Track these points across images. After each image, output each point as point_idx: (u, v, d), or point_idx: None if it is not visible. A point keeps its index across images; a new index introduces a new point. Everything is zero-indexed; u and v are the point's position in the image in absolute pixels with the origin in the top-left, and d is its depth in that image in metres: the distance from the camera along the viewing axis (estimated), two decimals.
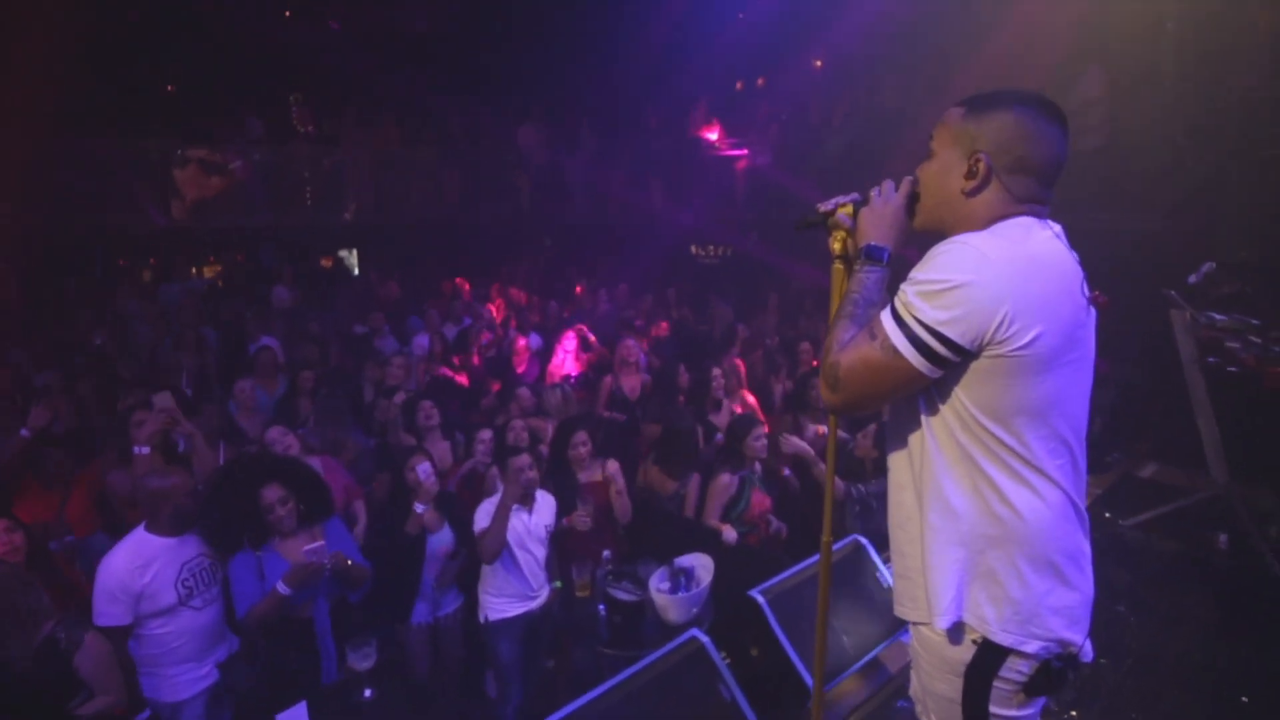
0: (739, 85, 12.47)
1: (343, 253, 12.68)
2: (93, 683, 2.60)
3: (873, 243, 1.48)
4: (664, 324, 8.19)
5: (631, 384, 6.03)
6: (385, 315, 8.18)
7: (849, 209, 1.59)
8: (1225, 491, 4.28)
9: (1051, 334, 1.29)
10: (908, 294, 1.31)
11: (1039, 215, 1.40)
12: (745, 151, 10.31)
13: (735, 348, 6.63)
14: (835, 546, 2.83)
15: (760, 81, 12.05)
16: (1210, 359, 4.26)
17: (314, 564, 2.94)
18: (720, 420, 5.08)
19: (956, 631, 1.39)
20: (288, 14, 11.02)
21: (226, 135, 9.79)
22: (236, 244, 11.54)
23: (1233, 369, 4.19)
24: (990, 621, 1.36)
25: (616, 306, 8.88)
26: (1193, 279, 4.28)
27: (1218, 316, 4.18)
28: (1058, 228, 1.42)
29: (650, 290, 9.34)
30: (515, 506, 3.50)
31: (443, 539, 3.69)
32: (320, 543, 3.00)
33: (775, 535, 4.19)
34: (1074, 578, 1.36)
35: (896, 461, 1.51)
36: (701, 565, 3.51)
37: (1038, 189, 1.39)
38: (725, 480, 4.09)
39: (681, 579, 3.47)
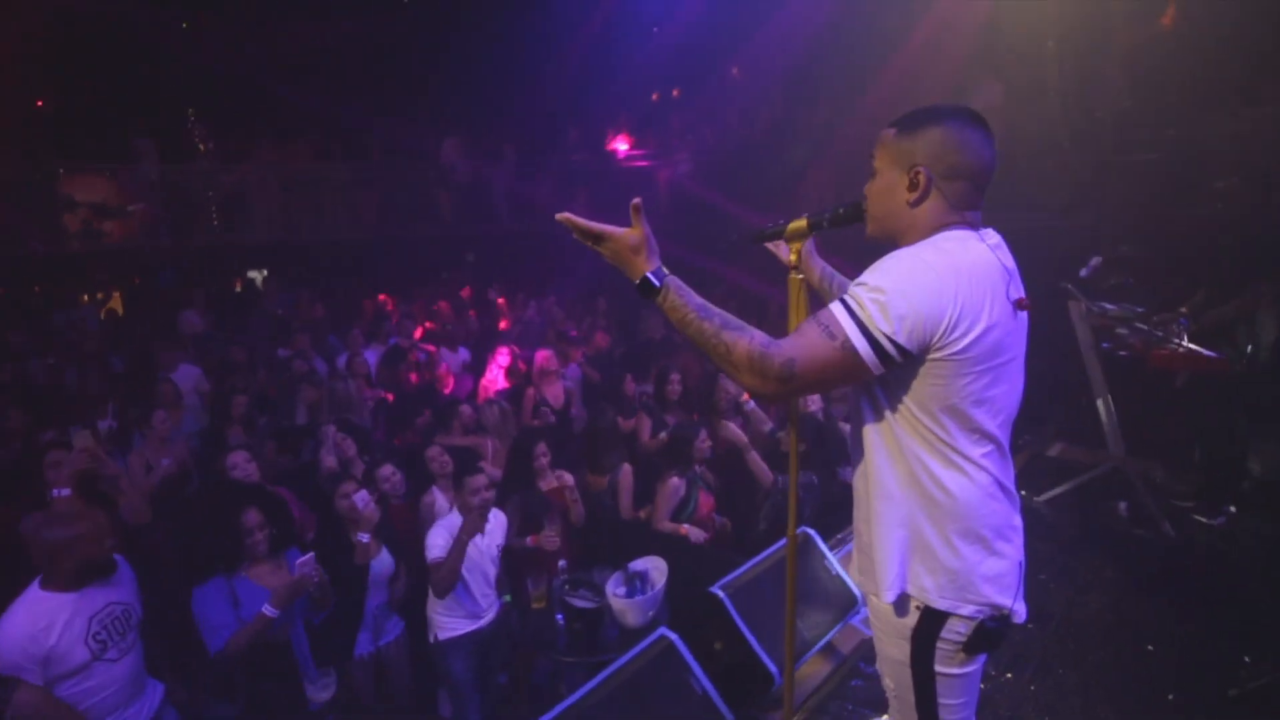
0: (655, 97, 12.74)
1: (252, 274, 12.17)
2: None
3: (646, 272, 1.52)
4: (599, 335, 8.26)
5: (554, 393, 6.09)
6: (309, 337, 7.92)
7: (803, 223, 1.72)
8: (1123, 465, 4.70)
9: (985, 339, 1.42)
10: (864, 300, 1.40)
11: (974, 224, 1.53)
12: (652, 164, 10.51)
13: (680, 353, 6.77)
14: (781, 544, 2.98)
15: (675, 93, 12.34)
16: (1104, 345, 4.68)
17: (307, 577, 2.88)
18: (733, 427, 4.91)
19: (902, 602, 1.56)
20: (185, 25, 10.50)
21: (113, 155, 9.24)
22: (132, 268, 10.89)
23: (1123, 353, 4.62)
24: (929, 590, 1.52)
25: (545, 318, 8.89)
26: (1084, 273, 4.70)
27: (1109, 306, 4.60)
28: (995, 238, 1.55)
29: (581, 301, 9.40)
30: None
31: (383, 563, 3.62)
32: (310, 555, 2.95)
33: (723, 530, 4.34)
34: (1002, 548, 1.52)
35: (854, 452, 1.65)
36: (655, 568, 3.59)
37: (973, 193, 1.52)
38: (674, 484, 4.19)
39: (637, 583, 3.54)
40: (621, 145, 11.01)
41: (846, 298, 1.41)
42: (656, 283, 1.48)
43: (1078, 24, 6.33)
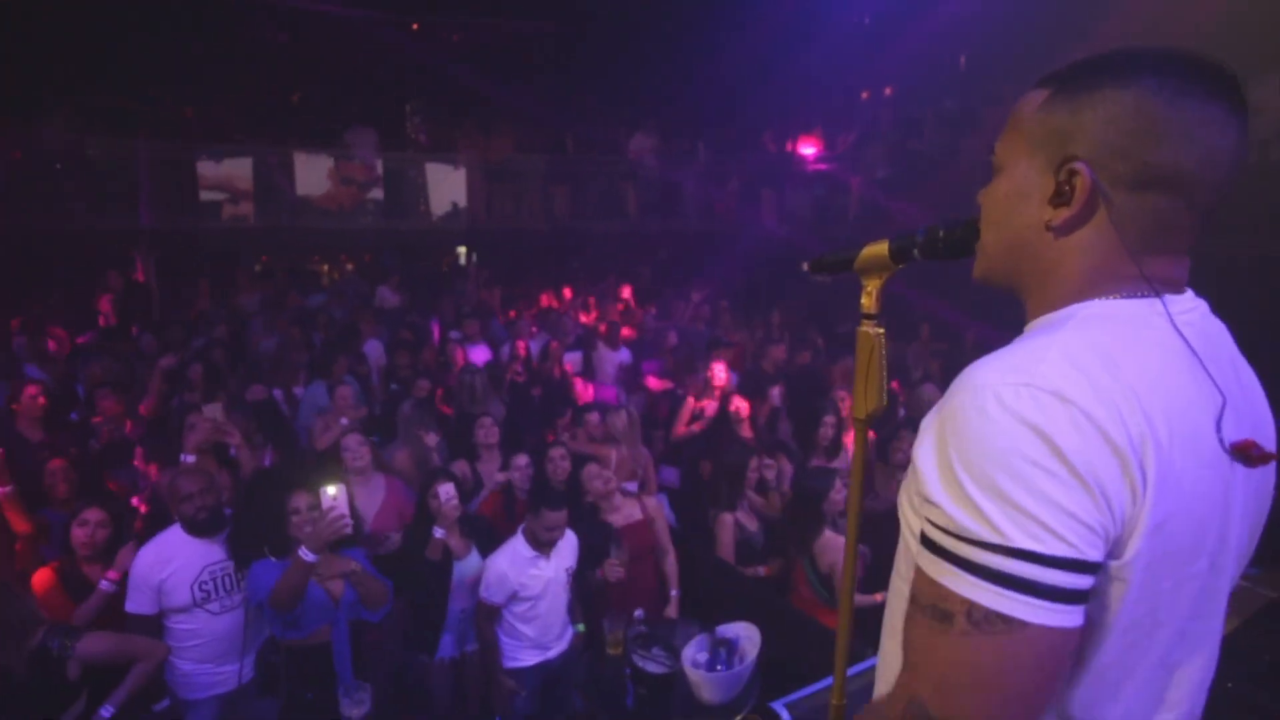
0: (865, 95, 11.75)
1: (460, 249, 13.02)
2: (123, 662, 2.65)
3: None
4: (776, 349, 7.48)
5: (711, 407, 5.64)
6: (480, 323, 8.20)
7: (882, 248, 1.14)
8: None
9: (1157, 540, 0.73)
10: (987, 515, 0.70)
11: (1164, 282, 0.83)
12: (841, 168, 9.59)
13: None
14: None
15: (888, 91, 11.27)
16: None
17: (335, 513, 2.79)
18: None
19: None
20: (415, 26, 11.47)
21: (342, 143, 10.27)
22: (361, 246, 12.16)
23: None
24: None
25: (705, 320, 8.47)
26: None
27: None
28: (1190, 305, 0.85)
29: (757, 304, 8.87)
30: (531, 554, 3.22)
31: (470, 565, 3.43)
32: (339, 486, 2.85)
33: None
34: None
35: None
36: (747, 637, 3.05)
37: (1181, 220, 0.81)
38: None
39: (722, 652, 3.03)
40: (808, 149, 10.23)
41: (937, 530, 0.75)
42: None
43: None
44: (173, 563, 3.00)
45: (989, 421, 0.72)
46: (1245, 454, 0.77)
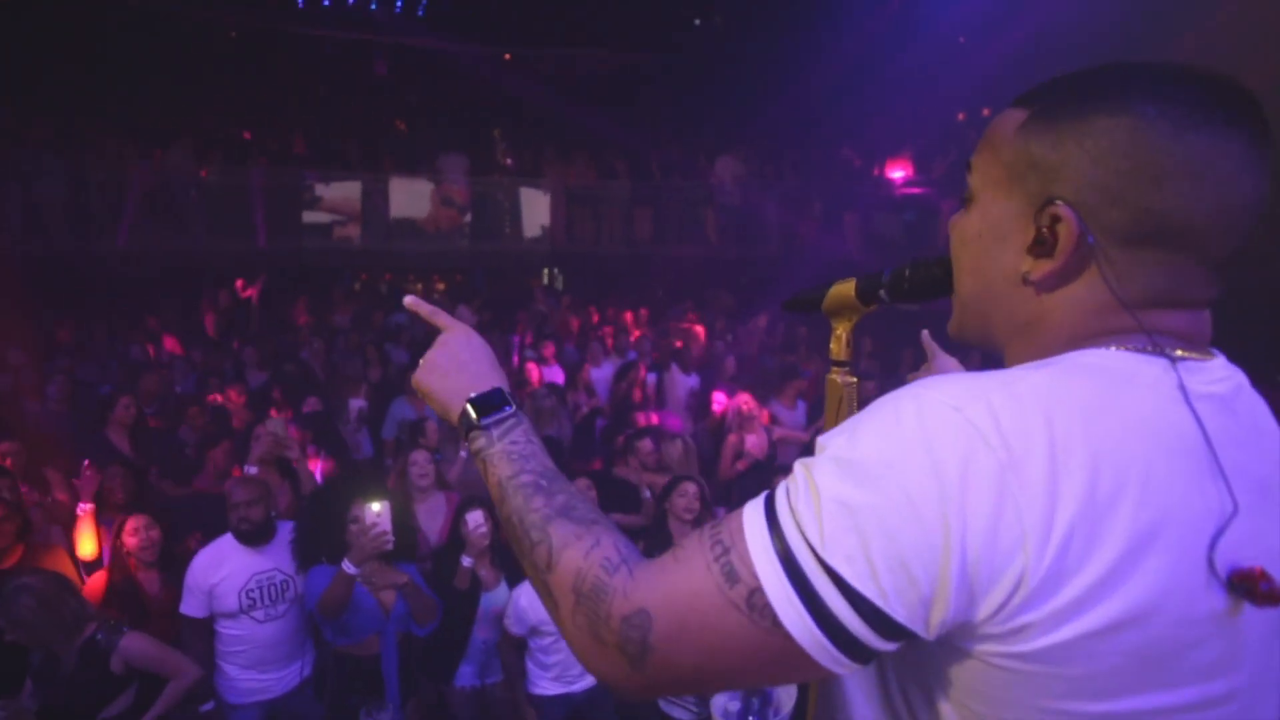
0: (961, 116, 11.24)
1: (545, 270, 13.32)
2: (153, 669, 2.73)
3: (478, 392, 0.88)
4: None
5: (757, 441, 5.45)
6: (556, 345, 8.31)
7: (848, 288, 1.03)
8: None
9: (1132, 629, 0.57)
10: (821, 503, 0.61)
11: (1173, 343, 0.67)
12: (933, 191, 9.16)
13: None
14: None
15: (985, 112, 10.73)
16: None
17: (377, 528, 2.83)
18: None
19: None
20: (508, 57, 11.93)
21: (435, 168, 10.78)
22: (454, 266, 12.67)
23: None
24: None
25: (774, 347, 8.26)
26: None
27: None
28: (1220, 379, 0.67)
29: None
30: None
31: (497, 598, 3.39)
32: (384, 503, 2.90)
33: None
34: None
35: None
36: (784, 689, 2.88)
37: (1192, 277, 0.66)
38: None
39: (756, 702, 2.86)
40: (897, 173, 9.84)
41: (780, 491, 0.66)
42: (485, 417, 0.86)
43: None
44: (223, 568, 3.12)
45: (893, 427, 0.61)
46: (1249, 587, 0.58)
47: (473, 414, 0.87)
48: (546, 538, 0.74)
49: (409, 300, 1.03)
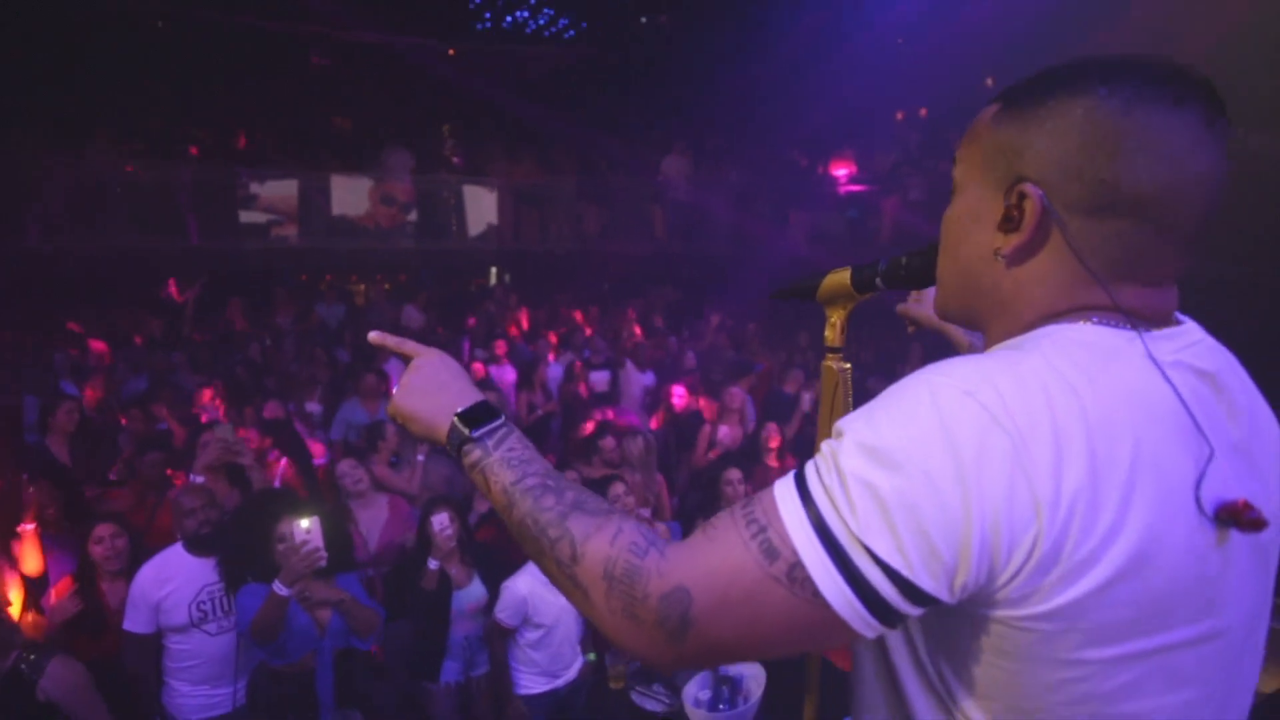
0: (899, 116, 11.59)
1: (493, 269, 13.14)
2: (68, 710, 2.53)
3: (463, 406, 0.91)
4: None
5: (731, 434, 5.53)
6: (508, 343, 8.23)
7: (844, 276, 1.06)
8: None
9: (1125, 584, 0.63)
10: (847, 481, 0.65)
11: (1142, 315, 0.73)
12: (875, 190, 9.43)
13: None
14: None
15: (923, 112, 11.10)
16: None
17: (308, 545, 2.73)
18: None
19: None
20: (452, 52, 11.71)
21: (379, 165, 10.53)
22: (395, 266, 12.36)
23: None
24: None
25: (727, 343, 8.36)
26: None
27: None
28: (1185, 344, 0.73)
29: (782, 327, 8.74)
30: (545, 584, 3.14)
31: (472, 594, 3.37)
32: (313, 519, 2.80)
33: None
34: None
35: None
36: (752, 676, 2.93)
37: (1154, 248, 0.71)
38: None
39: (725, 690, 2.91)
40: (841, 171, 10.10)
41: (810, 470, 0.70)
42: (475, 429, 0.88)
43: None
44: (172, 581, 2.99)
45: (911, 412, 0.66)
46: (1235, 517, 0.66)
47: (463, 428, 0.89)
48: (566, 533, 0.76)
49: (374, 336, 1.04)
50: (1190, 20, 5.93)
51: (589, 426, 5.54)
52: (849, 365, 1.09)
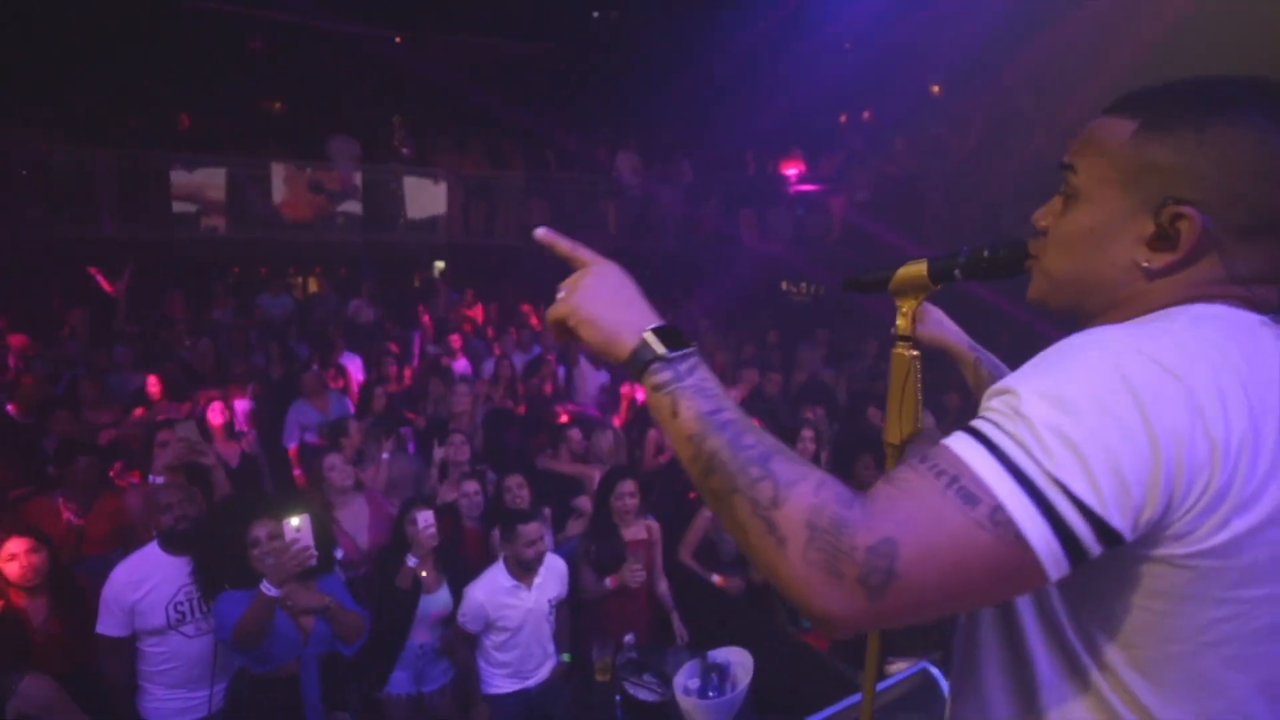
0: (843, 119, 11.91)
1: (437, 263, 12.85)
2: None
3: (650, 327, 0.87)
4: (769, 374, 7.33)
5: None
6: (463, 337, 8.08)
7: (920, 268, 1.11)
8: None
9: (1257, 536, 0.70)
10: (1038, 431, 0.68)
11: (1265, 307, 0.80)
12: (825, 189, 9.69)
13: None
14: (899, 676, 2.28)
15: (866, 115, 11.45)
16: None
17: (298, 544, 2.66)
18: None
19: None
20: (399, 40, 11.39)
21: (323, 154, 10.17)
22: (338, 259, 11.94)
23: None
24: None
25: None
26: None
27: None
28: None
29: (737, 325, 8.86)
30: (511, 584, 3.15)
31: (438, 601, 3.31)
32: (303, 516, 2.72)
33: None
34: None
35: (961, 683, 0.97)
36: (739, 663, 2.99)
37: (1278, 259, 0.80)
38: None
39: (714, 677, 2.96)
40: (790, 170, 10.34)
41: (986, 424, 0.72)
42: (672, 350, 0.83)
43: None
44: (148, 582, 2.86)
45: (1092, 367, 0.71)
46: None
47: (657, 346, 0.84)
48: (769, 474, 0.73)
49: (540, 232, 0.98)
50: (1130, 23, 6.32)
51: (564, 418, 5.50)
52: (918, 353, 1.14)
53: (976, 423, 0.73)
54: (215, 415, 4.56)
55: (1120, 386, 0.68)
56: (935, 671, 2.53)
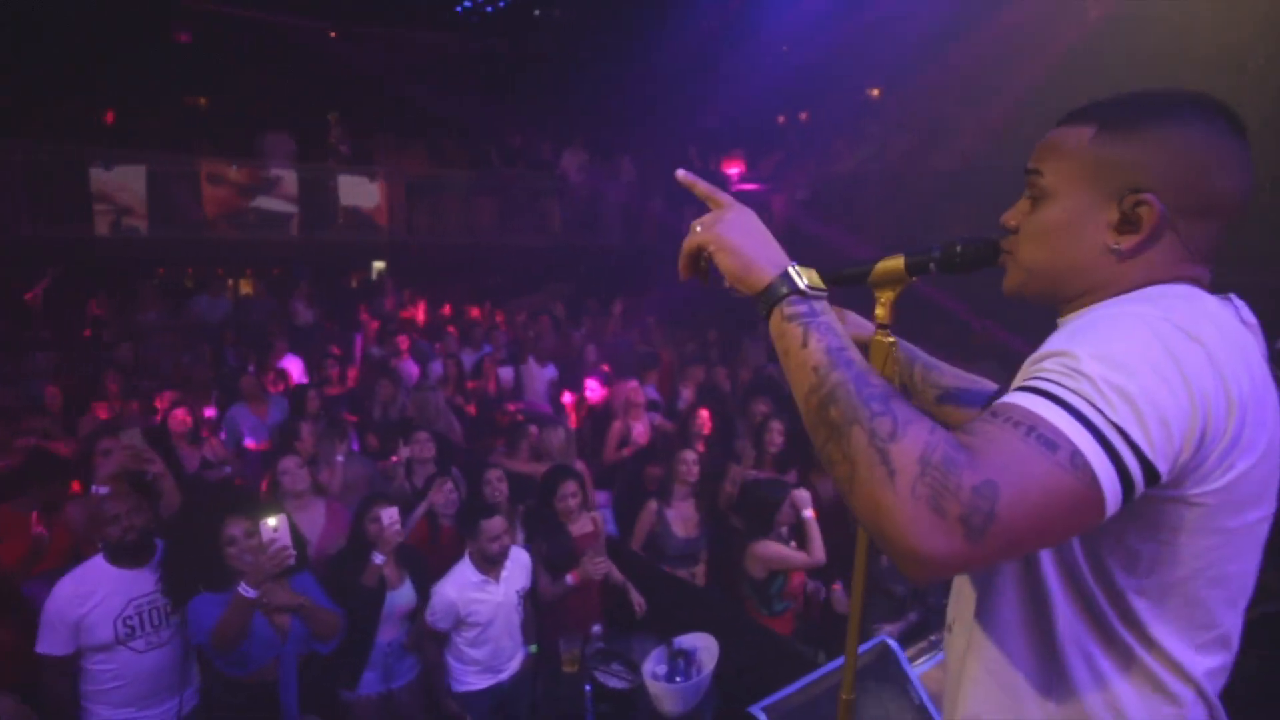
0: (780, 119, 12.19)
1: (377, 264, 12.57)
2: None
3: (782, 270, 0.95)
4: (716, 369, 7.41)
5: (640, 429, 5.62)
6: (409, 339, 7.95)
7: (897, 262, 1.20)
8: None
9: (1259, 470, 0.86)
10: (1100, 387, 0.78)
11: (1202, 283, 0.95)
12: (766, 189, 9.92)
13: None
14: (861, 649, 2.40)
15: (803, 116, 11.75)
16: None
17: (276, 543, 2.63)
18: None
19: None
20: (333, 35, 11.08)
21: (254, 151, 9.82)
22: (272, 259, 11.55)
23: None
24: None
25: (644, 338, 8.50)
26: None
27: None
28: (1243, 308, 0.96)
29: (683, 320, 8.98)
30: (479, 579, 3.16)
31: (403, 596, 3.29)
32: (280, 516, 2.69)
33: (814, 598, 3.83)
34: None
35: (961, 607, 1.09)
36: (705, 648, 3.07)
37: (1220, 240, 0.95)
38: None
39: (680, 663, 3.04)
40: (732, 169, 10.53)
41: (1047, 382, 0.81)
42: (805, 287, 0.92)
43: None
44: (93, 596, 2.72)
45: (1134, 333, 0.82)
46: None
47: (799, 280, 0.93)
48: (890, 411, 0.78)
49: (681, 174, 1.09)
50: (1048, 29, 6.70)
51: (518, 416, 5.49)
52: (895, 339, 1.24)
53: (1035, 381, 0.82)
54: (177, 424, 4.43)
55: (1161, 350, 0.80)
56: (894, 644, 2.68)
